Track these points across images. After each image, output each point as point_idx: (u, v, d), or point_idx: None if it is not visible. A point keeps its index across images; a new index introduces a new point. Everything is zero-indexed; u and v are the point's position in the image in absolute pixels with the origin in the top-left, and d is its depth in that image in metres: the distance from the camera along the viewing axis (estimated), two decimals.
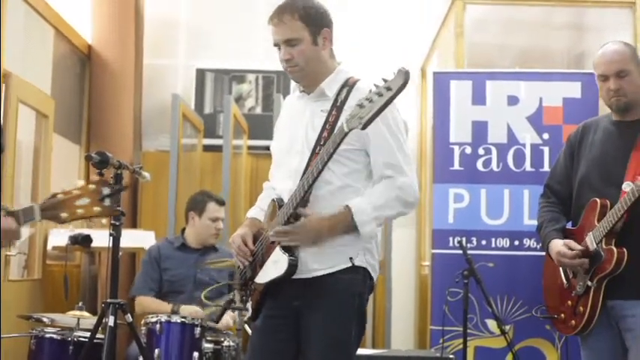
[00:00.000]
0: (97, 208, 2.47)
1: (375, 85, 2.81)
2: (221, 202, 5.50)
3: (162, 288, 5.35)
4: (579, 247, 3.63)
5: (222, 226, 5.48)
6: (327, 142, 3.09)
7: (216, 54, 7.78)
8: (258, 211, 3.44)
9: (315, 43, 3.23)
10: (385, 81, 2.79)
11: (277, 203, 3.24)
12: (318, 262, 3.15)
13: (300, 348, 3.23)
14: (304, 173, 3.14)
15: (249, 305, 3.36)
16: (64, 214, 2.48)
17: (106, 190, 2.48)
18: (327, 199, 3.13)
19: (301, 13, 3.20)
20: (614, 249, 3.52)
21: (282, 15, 3.21)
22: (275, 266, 3.16)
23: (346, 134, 2.88)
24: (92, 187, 2.47)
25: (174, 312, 5.05)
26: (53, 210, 2.48)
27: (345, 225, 3.07)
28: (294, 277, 3.14)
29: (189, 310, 5.04)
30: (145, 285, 5.35)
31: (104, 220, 5.54)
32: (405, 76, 2.75)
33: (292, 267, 3.11)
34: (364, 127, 2.84)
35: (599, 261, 3.57)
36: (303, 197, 3.07)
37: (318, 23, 3.23)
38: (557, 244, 3.71)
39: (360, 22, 7.55)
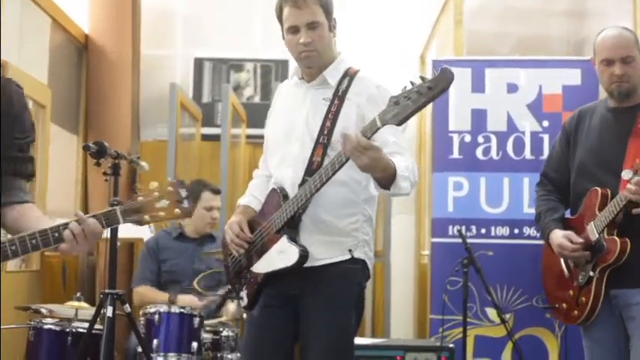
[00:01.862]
0: (177, 210, 2.43)
1: (411, 82, 2.74)
2: (216, 191, 5.50)
3: (161, 278, 5.37)
4: (580, 239, 3.62)
5: (217, 215, 5.48)
6: (331, 132, 3.13)
7: (214, 43, 7.76)
8: (252, 199, 3.45)
9: (330, 29, 3.25)
10: (423, 79, 2.72)
11: (280, 192, 3.23)
12: (318, 252, 3.16)
13: (297, 336, 3.25)
14: (310, 162, 3.16)
15: (243, 294, 3.35)
16: (146, 217, 2.44)
17: (184, 192, 2.44)
18: (328, 188, 3.11)
19: (321, 0, 3.20)
20: (617, 239, 3.50)
21: None
22: (281, 256, 3.17)
23: (378, 129, 2.82)
24: (170, 189, 2.43)
25: (172, 302, 5.06)
26: (135, 213, 2.44)
27: (389, 173, 2.94)
28: None
29: (186, 300, 5.05)
30: (142, 276, 5.38)
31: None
32: (449, 77, 2.68)
33: (303, 257, 3.13)
34: (400, 124, 2.78)
35: (601, 251, 3.55)
36: (320, 188, 3.05)
37: (331, 10, 3.25)
38: (558, 236, 3.70)
39: (359, 10, 7.52)
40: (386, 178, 2.95)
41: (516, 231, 5.35)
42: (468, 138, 5.44)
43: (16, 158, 2.62)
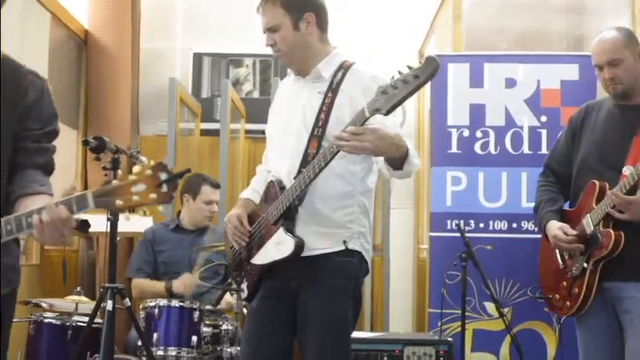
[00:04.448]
0: (153, 195, 2.22)
1: (399, 72, 2.77)
2: (215, 185, 5.55)
3: (158, 270, 5.42)
4: (574, 232, 3.64)
5: (216, 208, 5.53)
6: (325, 124, 3.16)
7: (214, 38, 7.76)
8: (252, 192, 3.48)
9: (296, 28, 3.28)
10: (410, 68, 2.75)
11: (277, 185, 3.26)
12: (313, 243, 3.19)
13: (296, 329, 3.26)
14: (305, 154, 3.19)
15: (244, 286, 3.38)
16: (118, 202, 2.23)
17: (164, 176, 2.22)
18: (324, 180, 3.14)
19: (283, 0, 3.24)
20: (612, 232, 3.52)
21: (265, 3, 3.28)
22: (277, 248, 3.19)
23: (367, 119, 2.85)
24: (149, 172, 2.22)
25: (168, 288, 5.12)
26: (107, 197, 2.24)
27: (402, 152, 2.99)
28: None
29: (182, 280, 5.10)
30: (139, 268, 5.42)
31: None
32: (434, 65, 2.71)
33: (299, 248, 3.15)
34: (388, 113, 2.81)
35: (596, 243, 3.58)
36: (313, 179, 3.08)
37: (299, 8, 3.27)
38: (554, 227, 3.72)
39: (358, 4, 7.53)
40: (399, 158, 2.99)
41: (514, 225, 5.36)
42: (466, 133, 5.46)
43: (29, 149, 2.57)
